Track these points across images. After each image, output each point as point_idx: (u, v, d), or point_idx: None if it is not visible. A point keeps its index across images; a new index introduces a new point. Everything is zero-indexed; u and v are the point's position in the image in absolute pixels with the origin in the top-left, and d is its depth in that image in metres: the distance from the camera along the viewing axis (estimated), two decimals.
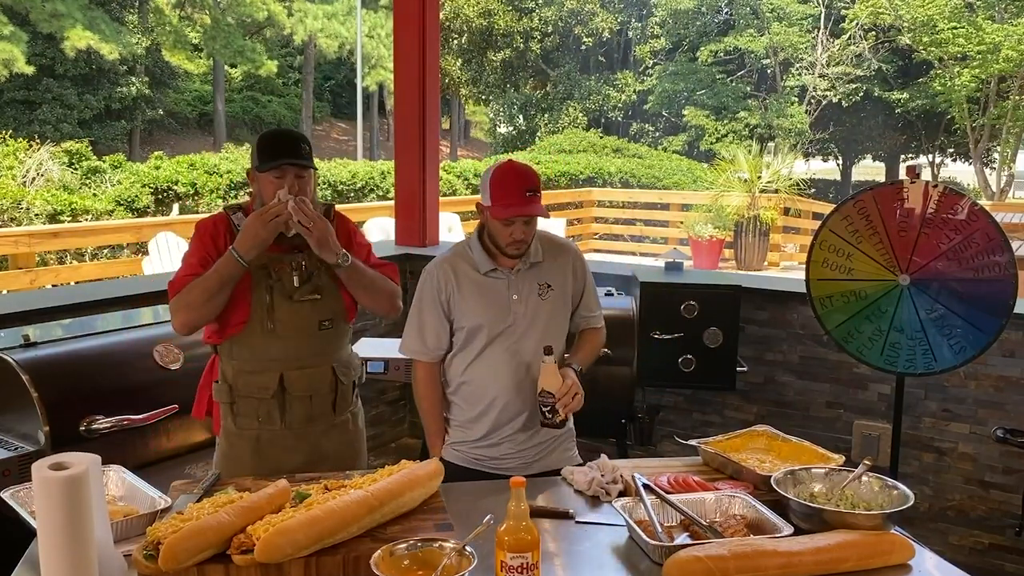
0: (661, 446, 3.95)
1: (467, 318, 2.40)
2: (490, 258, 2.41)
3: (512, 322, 2.38)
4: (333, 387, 2.47)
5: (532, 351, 2.37)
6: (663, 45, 26.59)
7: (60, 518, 1.43)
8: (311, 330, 2.41)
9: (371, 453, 4.71)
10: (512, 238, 2.32)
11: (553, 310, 2.44)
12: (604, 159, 17.96)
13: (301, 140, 2.42)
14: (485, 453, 2.46)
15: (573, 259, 2.51)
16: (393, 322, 4.82)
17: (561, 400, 2.25)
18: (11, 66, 19.95)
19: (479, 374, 2.42)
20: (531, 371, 2.37)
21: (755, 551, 1.64)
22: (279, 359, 2.38)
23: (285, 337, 2.37)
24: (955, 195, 2.96)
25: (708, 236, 11.82)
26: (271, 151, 2.37)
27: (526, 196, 2.28)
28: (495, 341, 2.39)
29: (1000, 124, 19.94)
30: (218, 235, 2.38)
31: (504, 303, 2.39)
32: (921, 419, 3.61)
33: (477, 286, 2.40)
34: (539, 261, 2.43)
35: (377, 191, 12.77)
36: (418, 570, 1.59)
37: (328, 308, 2.44)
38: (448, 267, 2.45)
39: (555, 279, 2.45)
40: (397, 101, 4.94)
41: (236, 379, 2.40)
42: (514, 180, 2.30)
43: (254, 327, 2.37)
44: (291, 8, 26.42)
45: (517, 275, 2.40)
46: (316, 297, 2.41)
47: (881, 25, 21.89)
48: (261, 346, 2.37)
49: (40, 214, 9.31)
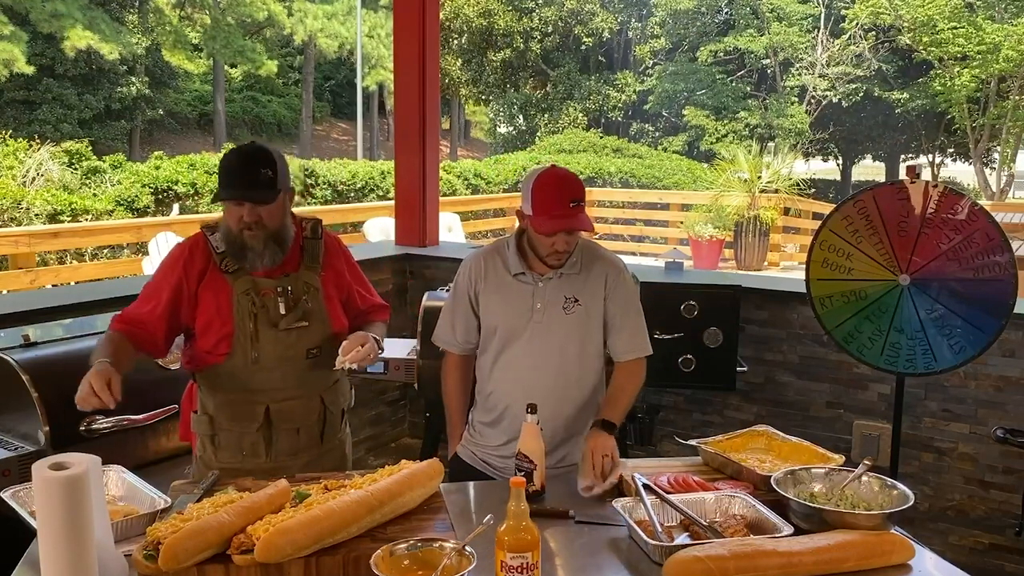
0: (661, 446, 3.95)
1: (488, 317, 2.35)
2: (522, 260, 2.31)
3: (529, 330, 2.29)
4: (321, 417, 2.34)
5: (548, 365, 2.28)
6: (663, 45, 26.59)
7: (60, 518, 1.43)
8: (298, 360, 2.27)
9: (371, 453, 4.74)
10: (553, 248, 2.21)
11: (577, 327, 2.29)
12: (604, 159, 17.96)
13: (262, 163, 2.17)
14: (500, 464, 2.36)
15: (609, 274, 2.32)
16: (393, 322, 4.83)
17: (594, 468, 2.06)
18: (11, 66, 19.96)
19: (497, 379, 2.36)
20: (546, 386, 2.27)
21: (755, 551, 1.64)
22: (264, 390, 2.24)
23: (270, 368, 2.23)
24: (955, 195, 2.96)
25: (708, 236, 11.82)
26: (226, 179, 2.18)
27: (570, 207, 2.15)
28: (511, 347, 2.31)
29: (1000, 124, 19.94)
30: (192, 260, 2.23)
31: (525, 310, 2.29)
32: (921, 419, 3.61)
33: (503, 286, 2.33)
34: (574, 273, 2.30)
35: (377, 191, 12.77)
36: (418, 570, 1.60)
37: (316, 336, 2.29)
38: (482, 261, 2.38)
39: (585, 294, 2.29)
40: (397, 101, 4.94)
41: (218, 412, 2.27)
42: (557, 190, 2.17)
43: (236, 357, 2.22)
44: (291, 8, 26.42)
45: (546, 283, 2.29)
46: (304, 324, 2.26)
47: (881, 25, 21.89)
48: (244, 377, 2.23)
49: (40, 214, 9.31)
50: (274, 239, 2.22)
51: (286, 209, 2.27)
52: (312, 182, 12.18)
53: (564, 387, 2.32)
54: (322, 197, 12.19)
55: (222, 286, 2.23)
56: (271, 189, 2.17)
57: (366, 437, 4.76)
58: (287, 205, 2.27)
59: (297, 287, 2.26)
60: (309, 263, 2.32)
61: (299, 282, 2.27)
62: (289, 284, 2.26)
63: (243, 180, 2.16)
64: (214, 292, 2.23)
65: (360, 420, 4.70)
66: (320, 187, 12.22)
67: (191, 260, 2.23)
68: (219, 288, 2.23)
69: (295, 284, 2.26)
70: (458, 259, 4.72)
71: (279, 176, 2.19)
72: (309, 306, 2.27)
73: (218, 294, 2.23)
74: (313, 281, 2.31)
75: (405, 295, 4.88)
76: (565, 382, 2.31)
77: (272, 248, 2.22)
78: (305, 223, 2.37)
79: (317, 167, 12.55)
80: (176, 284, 2.21)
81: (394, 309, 4.80)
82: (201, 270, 2.22)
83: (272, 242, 2.22)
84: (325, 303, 2.32)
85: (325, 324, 2.31)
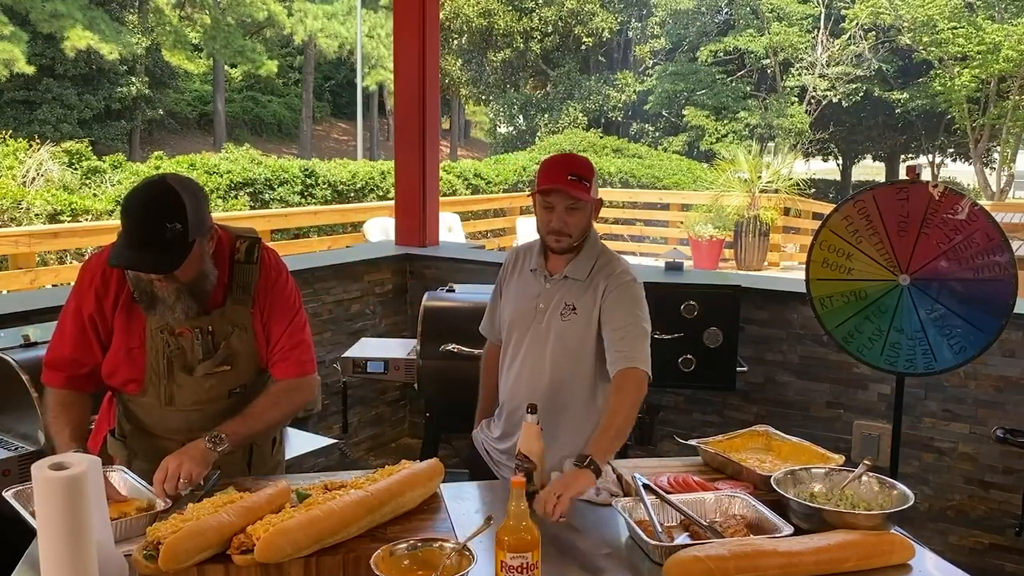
0: (661, 446, 3.95)
1: (505, 306, 2.41)
2: (541, 257, 2.34)
3: (532, 330, 2.31)
4: (247, 451, 2.11)
5: (542, 367, 2.29)
6: (663, 45, 26.59)
7: (60, 518, 1.43)
8: (219, 401, 2.03)
9: (371, 453, 4.74)
10: (550, 226, 2.22)
11: (572, 335, 2.26)
12: (604, 159, 17.95)
13: (168, 215, 1.79)
14: (496, 457, 2.42)
15: (608, 284, 2.25)
16: (393, 322, 4.84)
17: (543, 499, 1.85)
18: (11, 66, 19.95)
19: (503, 372, 2.41)
20: (538, 387, 2.28)
21: (755, 551, 1.64)
22: (181, 430, 2.02)
23: (186, 410, 2.01)
24: (955, 195, 2.96)
25: (708, 236, 11.82)
26: (126, 238, 1.82)
27: (568, 178, 2.18)
28: (516, 342, 2.34)
29: (1000, 124, 19.95)
30: (106, 288, 1.96)
31: (531, 308, 2.32)
32: (921, 419, 3.61)
33: (522, 279, 2.38)
34: (579, 280, 2.27)
35: (377, 191, 12.77)
36: (418, 570, 1.59)
37: (243, 376, 2.04)
38: (516, 255, 2.45)
39: (582, 303, 2.26)
40: (397, 101, 4.94)
41: (132, 440, 2.07)
42: (560, 161, 2.26)
43: (149, 395, 2.00)
44: (291, 8, 26.41)
45: (552, 285, 2.30)
46: (225, 369, 2.00)
47: (881, 25, 21.90)
48: (158, 415, 2.03)
49: (40, 214, 9.31)
50: (189, 291, 1.92)
51: (203, 255, 1.92)
52: (312, 182, 12.18)
53: (556, 388, 2.30)
54: (322, 197, 12.20)
55: (136, 316, 1.98)
56: (180, 248, 1.83)
57: (366, 437, 4.77)
58: (205, 249, 1.92)
59: (221, 327, 1.98)
60: (238, 295, 2.01)
61: (223, 321, 1.98)
62: (211, 323, 1.97)
63: (145, 241, 1.80)
64: (126, 322, 1.99)
65: (360, 420, 4.70)
66: (320, 187, 12.22)
67: (104, 288, 1.97)
68: (132, 317, 1.98)
69: (218, 323, 1.98)
70: (458, 259, 4.78)
71: (191, 224, 1.83)
72: (233, 347, 2.00)
73: (130, 325, 1.98)
74: (240, 318, 2.02)
75: (405, 295, 4.88)
76: (558, 384, 2.31)
77: (185, 301, 1.92)
78: (240, 243, 2.03)
79: (317, 167, 12.55)
80: (91, 315, 1.97)
81: (394, 309, 4.85)
82: (115, 296, 1.96)
83: (186, 294, 1.91)
84: (256, 340, 2.03)
85: (253, 361, 2.05)
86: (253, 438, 2.05)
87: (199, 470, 1.86)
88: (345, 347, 3.95)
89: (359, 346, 3.89)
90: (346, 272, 4.56)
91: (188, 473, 1.83)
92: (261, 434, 2.08)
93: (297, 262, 4.78)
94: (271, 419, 2.04)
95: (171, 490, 1.81)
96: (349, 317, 4.59)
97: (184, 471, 1.83)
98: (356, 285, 4.62)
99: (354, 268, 4.62)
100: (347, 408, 4.30)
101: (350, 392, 4.42)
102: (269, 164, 12.41)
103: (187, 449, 1.89)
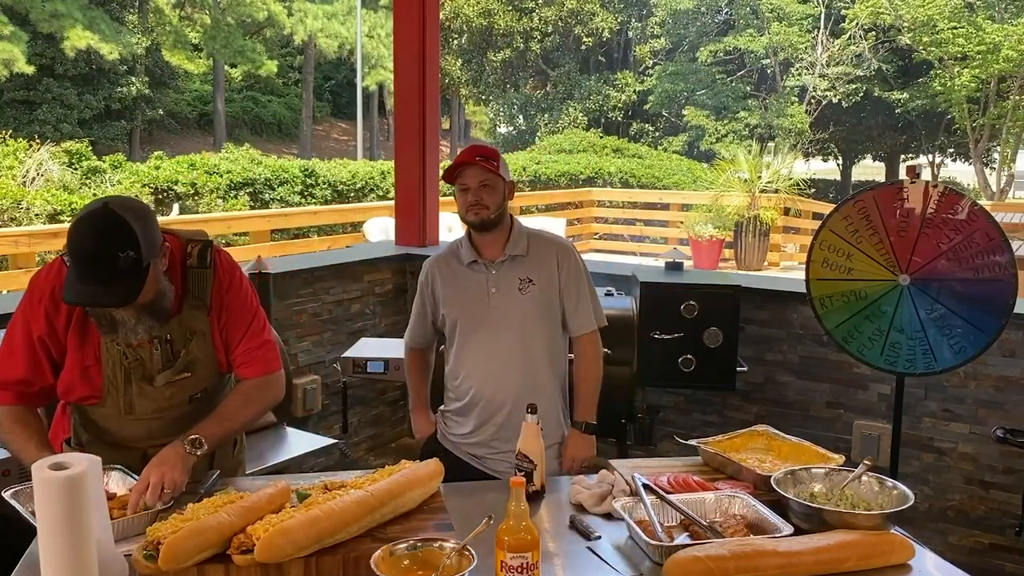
0: (661, 446, 3.95)
1: (448, 309, 2.47)
2: (473, 250, 2.45)
3: (489, 316, 2.41)
4: (208, 456, 2.03)
5: (511, 347, 2.40)
6: (663, 45, 26.58)
7: (60, 518, 1.43)
8: (180, 407, 2.02)
9: (371, 453, 4.74)
10: (468, 202, 2.36)
11: (534, 306, 2.42)
12: (604, 159, 17.96)
13: (120, 244, 1.73)
14: (476, 452, 2.48)
15: (559, 254, 2.46)
16: (393, 322, 4.84)
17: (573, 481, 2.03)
18: (11, 66, 19.95)
19: (462, 367, 2.47)
20: (512, 367, 2.40)
21: (755, 551, 1.64)
22: (141, 438, 2.01)
23: (146, 419, 2.00)
24: (955, 195, 2.96)
25: (708, 236, 11.82)
26: (76, 271, 1.75)
27: (476, 159, 2.34)
28: (474, 334, 2.43)
29: (1000, 124, 19.94)
30: (58, 302, 1.89)
31: (482, 296, 2.42)
32: (921, 419, 3.61)
33: (458, 278, 2.47)
34: (522, 255, 2.43)
35: (377, 191, 12.78)
36: (418, 570, 1.59)
37: (203, 381, 2.03)
38: (437, 260, 2.53)
39: (538, 274, 2.43)
40: (397, 101, 4.94)
41: (91, 449, 1.98)
42: (469, 148, 2.42)
43: (108, 406, 1.98)
44: (291, 8, 26.42)
45: (499, 268, 2.43)
46: (186, 376, 1.99)
47: (881, 25, 21.88)
48: (117, 424, 2.01)
49: (40, 214, 9.31)
50: (148, 311, 1.89)
51: (158, 275, 1.88)
52: (312, 182, 12.19)
53: (531, 363, 2.42)
54: (322, 197, 12.20)
55: (90, 333, 1.94)
56: (136, 275, 1.78)
57: (366, 437, 4.77)
58: (159, 269, 1.89)
59: (179, 334, 1.96)
60: (194, 301, 1.99)
61: (181, 329, 1.95)
62: (169, 332, 1.94)
63: (100, 274, 1.74)
64: (80, 340, 1.94)
65: (360, 420, 4.70)
66: (320, 187, 12.23)
67: (55, 308, 1.91)
68: (87, 334, 1.94)
69: (176, 331, 1.95)
70: None
71: (143, 249, 1.78)
72: (193, 354, 1.98)
73: (85, 340, 1.95)
74: (198, 324, 2.00)
75: (405, 295, 4.88)
76: (532, 359, 2.42)
77: (146, 321, 1.89)
78: (191, 247, 2.00)
79: (317, 167, 12.56)
80: (41, 336, 1.93)
81: (394, 309, 4.86)
82: (67, 316, 1.91)
83: (146, 315, 1.89)
84: (214, 346, 2.01)
85: (213, 367, 2.04)
86: (230, 438, 2.08)
87: (183, 477, 1.87)
88: (345, 347, 3.96)
89: (359, 346, 3.89)
90: (346, 272, 4.56)
91: (172, 482, 1.84)
92: (237, 433, 2.11)
93: (297, 262, 4.79)
94: (245, 418, 2.05)
95: (152, 502, 1.79)
96: (349, 317, 4.59)
97: (168, 481, 1.83)
98: (356, 285, 4.62)
99: (354, 268, 4.62)
100: (347, 408, 4.31)
101: (350, 392, 4.43)
102: (269, 164, 12.43)
103: (165, 457, 1.87)
